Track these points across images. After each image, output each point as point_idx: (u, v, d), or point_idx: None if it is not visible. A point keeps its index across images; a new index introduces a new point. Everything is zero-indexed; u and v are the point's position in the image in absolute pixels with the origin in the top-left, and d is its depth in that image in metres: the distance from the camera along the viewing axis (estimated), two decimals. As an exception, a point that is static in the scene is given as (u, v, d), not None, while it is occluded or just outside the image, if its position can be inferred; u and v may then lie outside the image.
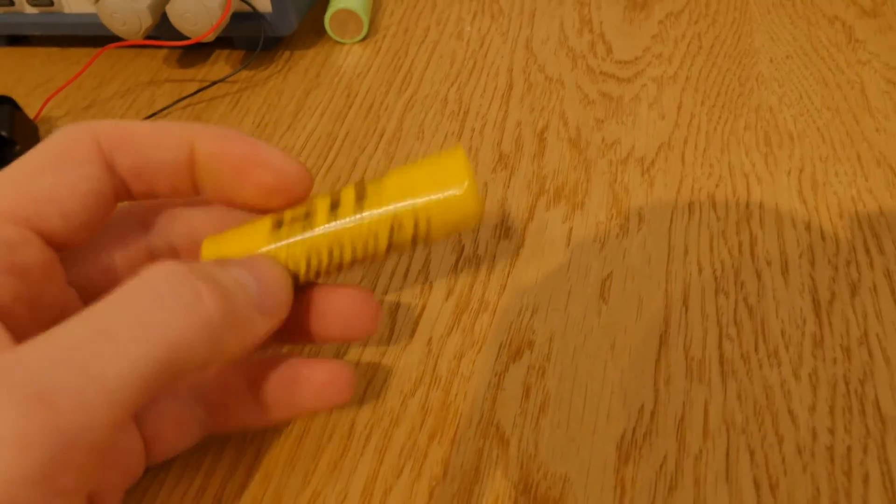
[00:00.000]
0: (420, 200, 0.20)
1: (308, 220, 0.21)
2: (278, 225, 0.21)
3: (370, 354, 0.27)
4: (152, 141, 0.21)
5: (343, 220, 0.21)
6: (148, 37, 0.39)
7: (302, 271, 0.21)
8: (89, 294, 0.21)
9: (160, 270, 0.17)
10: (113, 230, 0.22)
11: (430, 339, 0.27)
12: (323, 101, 0.39)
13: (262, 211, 0.22)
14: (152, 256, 0.23)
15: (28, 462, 0.14)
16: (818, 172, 0.33)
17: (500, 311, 0.28)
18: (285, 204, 0.22)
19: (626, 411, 0.24)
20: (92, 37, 0.44)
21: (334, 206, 0.21)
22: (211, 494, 0.23)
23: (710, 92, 0.38)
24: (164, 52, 0.45)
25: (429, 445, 0.24)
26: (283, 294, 0.20)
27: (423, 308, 0.28)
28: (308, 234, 0.21)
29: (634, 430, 0.24)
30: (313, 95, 0.40)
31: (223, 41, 0.44)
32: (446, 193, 0.20)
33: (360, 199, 0.21)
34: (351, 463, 0.24)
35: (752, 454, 0.23)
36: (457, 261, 0.30)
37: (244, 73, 0.42)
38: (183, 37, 0.39)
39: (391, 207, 0.20)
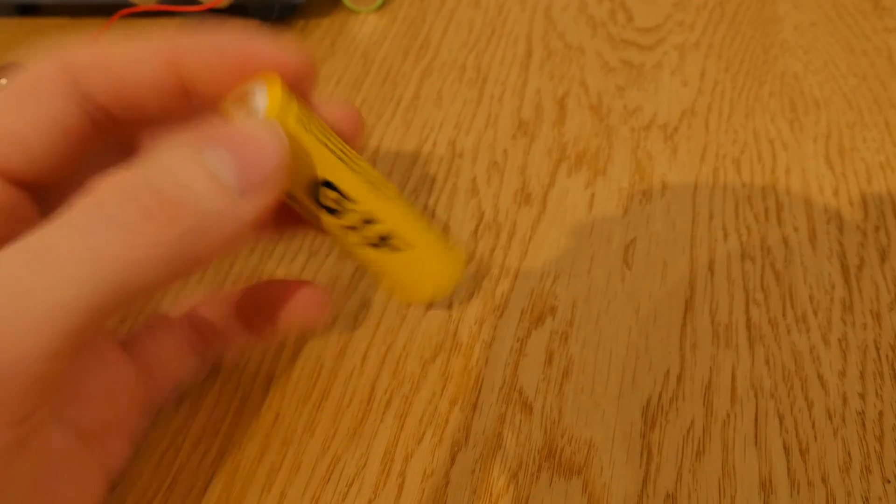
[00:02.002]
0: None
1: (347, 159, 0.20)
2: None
3: (389, 320, 0.26)
4: (129, 60, 0.19)
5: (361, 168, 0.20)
6: (161, 2, 0.39)
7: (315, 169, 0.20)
8: None
9: (110, 184, 0.16)
10: (99, 162, 0.20)
11: (450, 305, 0.27)
12: (339, 69, 0.39)
13: None
14: None
15: None
16: (845, 139, 0.32)
17: (521, 277, 0.27)
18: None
19: (651, 376, 0.24)
20: (104, 5, 0.44)
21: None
22: (229, 460, 0.23)
23: (733, 59, 0.37)
24: (177, 21, 0.44)
25: (450, 411, 0.24)
26: (270, 162, 0.17)
27: (443, 274, 0.28)
28: (341, 152, 0.20)
29: (660, 395, 0.23)
30: (329, 64, 0.39)
31: (237, 9, 0.43)
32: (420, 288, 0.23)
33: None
34: (371, 428, 0.23)
35: (781, 419, 0.23)
36: (477, 226, 0.29)
37: (258, 42, 0.42)
38: (197, 2, 0.38)
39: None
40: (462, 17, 0.42)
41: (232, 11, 0.44)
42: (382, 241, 0.22)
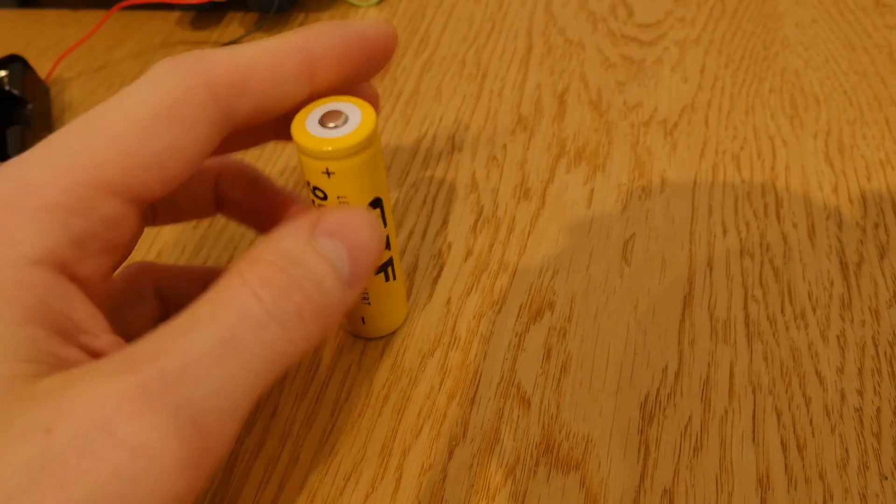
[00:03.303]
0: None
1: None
2: None
3: (388, 314, 0.26)
4: (271, 77, 0.18)
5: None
6: (161, -4, 0.39)
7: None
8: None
9: (263, 280, 0.16)
10: None
11: (448, 300, 0.27)
12: (338, 63, 0.39)
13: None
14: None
15: (183, 484, 0.14)
16: (845, 135, 0.32)
17: (519, 272, 0.27)
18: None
19: (649, 372, 0.24)
20: (104, -2, 0.44)
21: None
22: (227, 452, 0.23)
23: (734, 55, 0.37)
24: (177, 14, 0.44)
25: (448, 405, 0.24)
26: (374, 258, 0.18)
27: (442, 268, 0.28)
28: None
29: (658, 390, 0.23)
30: (328, 57, 0.39)
31: (236, 3, 0.43)
32: None
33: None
34: (369, 422, 0.23)
35: (779, 415, 0.23)
36: (476, 221, 0.29)
37: (258, 36, 0.42)
38: (196, -4, 0.38)
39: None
40: (462, 12, 0.42)
41: (232, 4, 0.44)
42: (383, 268, 0.23)
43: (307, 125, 0.19)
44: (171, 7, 0.44)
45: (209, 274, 0.24)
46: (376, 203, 0.21)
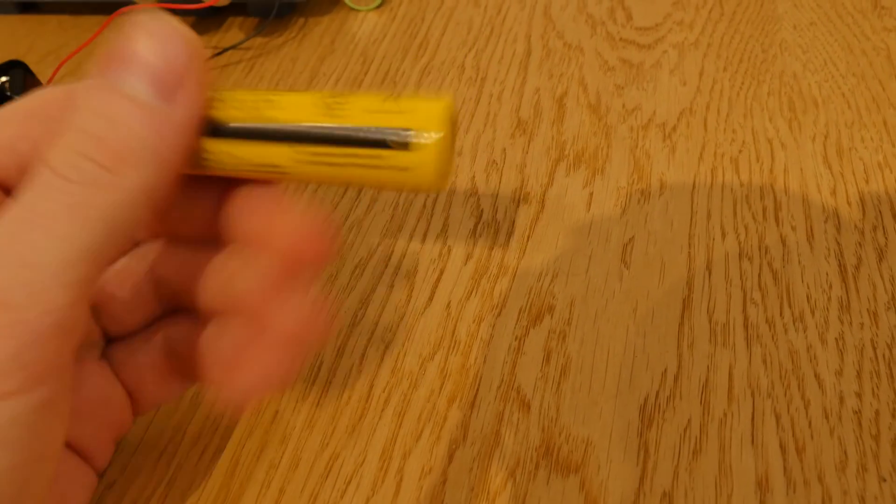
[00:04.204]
0: (363, 122, 0.17)
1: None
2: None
3: (388, 318, 0.26)
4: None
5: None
6: (160, 1, 0.39)
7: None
8: None
9: (58, 153, 0.16)
10: None
11: (448, 304, 0.27)
12: (338, 67, 0.39)
13: None
14: None
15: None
16: (843, 138, 0.32)
17: (519, 276, 0.27)
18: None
19: (649, 375, 0.24)
20: (104, 3, 0.44)
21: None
22: (228, 457, 0.23)
23: (732, 58, 0.37)
24: (176, 19, 0.44)
25: (448, 409, 0.24)
26: (181, 59, 0.17)
27: (442, 272, 0.28)
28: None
29: (658, 393, 0.24)
30: (328, 62, 0.39)
31: (236, 7, 0.43)
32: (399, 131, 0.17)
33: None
34: (369, 426, 0.23)
35: (777, 418, 0.23)
36: (475, 225, 0.29)
37: (258, 40, 0.42)
38: (197, 0, 0.38)
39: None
40: (461, 16, 0.42)
41: (232, 9, 0.44)
42: None
43: None
44: (171, 12, 0.44)
45: None
46: None
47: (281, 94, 0.18)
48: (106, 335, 0.22)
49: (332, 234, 0.18)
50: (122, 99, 0.16)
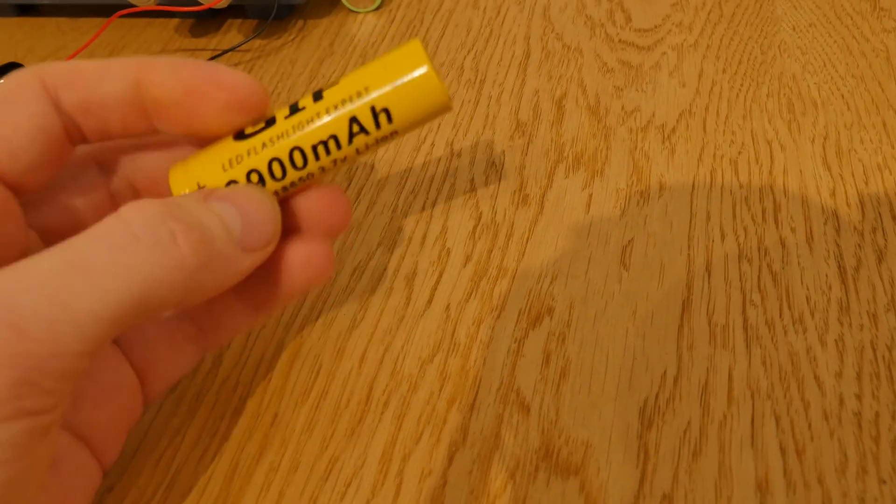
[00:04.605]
0: (377, 92, 0.20)
1: (268, 126, 0.21)
2: (240, 136, 0.21)
3: (387, 321, 0.26)
4: (96, 76, 0.20)
5: (301, 121, 0.20)
6: (160, 2, 0.39)
7: (267, 182, 0.21)
8: (52, 238, 0.21)
9: (136, 208, 0.17)
10: (72, 173, 0.22)
11: (448, 306, 0.27)
12: (337, 69, 0.39)
13: (222, 135, 0.22)
14: (113, 199, 0.23)
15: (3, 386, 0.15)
16: (843, 140, 0.32)
17: (518, 278, 0.27)
18: (243, 121, 0.21)
19: (648, 377, 0.24)
20: (103, 6, 0.44)
21: (293, 111, 0.21)
22: (227, 460, 0.23)
23: (731, 60, 0.37)
24: (175, 21, 0.44)
25: (448, 411, 0.24)
26: (270, 228, 0.20)
27: (441, 274, 0.28)
28: (267, 137, 0.20)
29: (657, 395, 0.24)
30: (327, 64, 0.39)
31: (235, 10, 0.43)
32: (402, 81, 0.20)
33: (318, 101, 0.20)
34: (369, 429, 0.23)
35: (777, 420, 0.23)
36: (474, 227, 0.29)
37: (257, 42, 0.42)
38: (195, 3, 0.38)
39: (349, 103, 0.20)
40: (460, 18, 0.42)
41: (231, 11, 0.44)
42: None
43: None
44: (169, 15, 0.44)
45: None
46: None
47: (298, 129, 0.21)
48: None
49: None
50: (218, 218, 0.18)
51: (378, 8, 0.44)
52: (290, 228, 0.22)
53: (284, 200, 0.22)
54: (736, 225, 0.28)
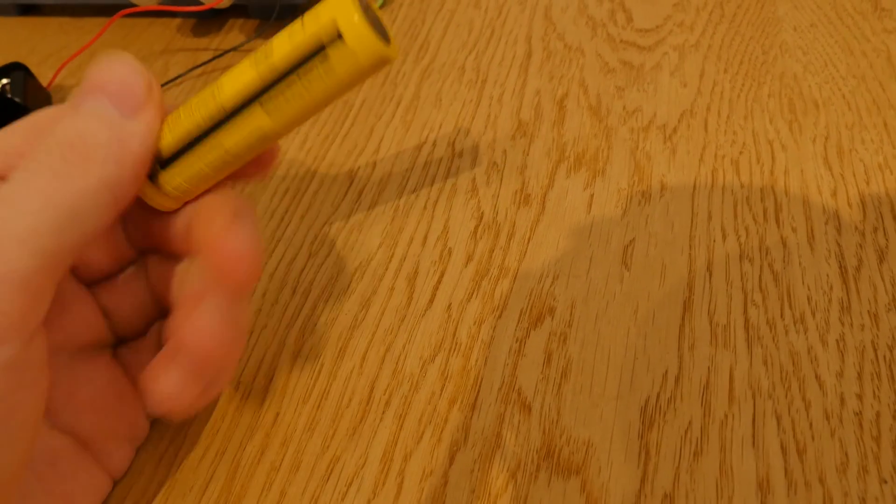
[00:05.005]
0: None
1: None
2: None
3: (388, 320, 0.26)
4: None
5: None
6: (162, 2, 0.39)
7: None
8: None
9: (30, 153, 0.19)
10: None
11: (449, 305, 0.27)
12: (338, 69, 0.39)
13: None
14: None
15: None
16: (844, 140, 0.32)
17: (520, 278, 0.27)
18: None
19: (649, 377, 0.24)
20: (105, 6, 0.44)
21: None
22: (229, 459, 0.23)
23: (732, 60, 0.37)
24: (178, 21, 0.44)
25: (449, 411, 0.24)
26: (139, 84, 0.20)
27: (443, 274, 0.28)
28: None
29: (658, 395, 0.24)
30: (329, 64, 0.39)
31: (237, 10, 0.43)
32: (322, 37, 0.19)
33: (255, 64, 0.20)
34: (370, 428, 0.23)
35: (778, 419, 0.23)
36: (476, 227, 0.29)
37: (259, 42, 0.42)
38: (197, 3, 0.38)
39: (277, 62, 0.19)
40: (462, 18, 0.42)
41: (233, 11, 0.44)
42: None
43: None
44: (172, 14, 0.44)
45: None
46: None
47: (222, 77, 0.21)
48: (117, 337, 0.23)
49: (257, 260, 0.20)
50: (89, 115, 0.19)
51: (380, 8, 0.44)
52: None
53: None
54: (737, 225, 0.28)
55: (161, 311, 0.24)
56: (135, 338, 0.24)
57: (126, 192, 0.19)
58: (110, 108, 0.19)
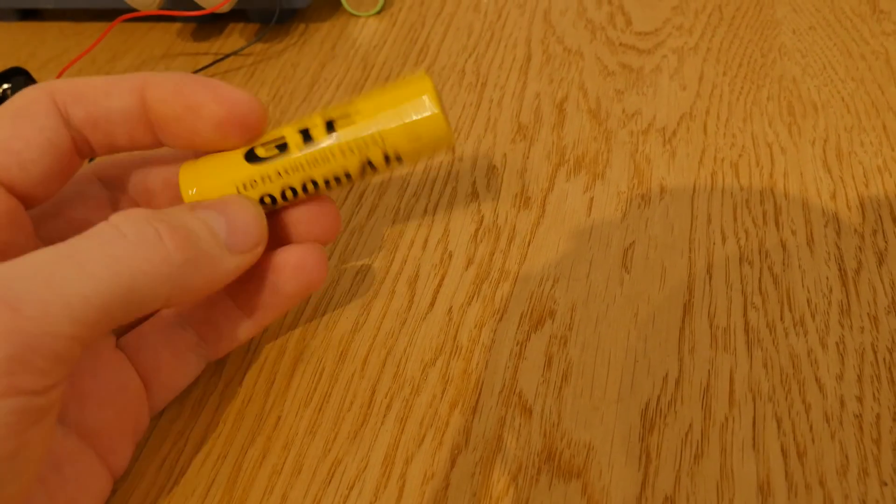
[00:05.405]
0: (390, 137, 0.22)
1: (282, 154, 0.22)
2: (251, 158, 0.22)
3: (389, 324, 0.26)
4: (103, 91, 0.21)
5: (316, 158, 0.22)
6: (161, 8, 0.39)
7: (279, 201, 0.22)
8: None
9: (124, 214, 0.19)
10: (79, 188, 0.23)
11: (450, 309, 0.27)
12: (339, 73, 0.39)
13: (223, 150, 0.23)
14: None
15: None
16: (843, 142, 0.32)
17: (520, 281, 0.27)
18: (243, 138, 0.22)
19: (650, 380, 0.24)
20: (105, 10, 0.44)
21: (306, 141, 0.22)
22: (231, 462, 0.23)
23: (731, 63, 0.37)
24: (178, 25, 0.44)
25: (450, 414, 0.24)
26: (255, 232, 0.21)
27: (443, 277, 0.28)
28: (282, 167, 0.22)
29: (659, 398, 0.24)
30: (329, 68, 0.40)
31: (237, 14, 0.44)
32: (413, 118, 0.21)
33: (330, 133, 0.22)
34: (371, 431, 0.24)
35: (779, 422, 0.23)
36: (476, 230, 0.29)
37: (259, 46, 0.42)
38: (197, 7, 0.38)
39: (363, 147, 0.22)
40: (461, 22, 0.42)
41: (233, 16, 0.44)
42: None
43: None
44: (172, 19, 0.44)
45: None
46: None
47: (315, 145, 0.22)
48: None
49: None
50: (203, 223, 0.20)
51: (380, 12, 0.44)
52: (282, 237, 0.24)
53: (275, 210, 0.23)
54: (737, 227, 0.29)
55: None
56: (137, 322, 0.24)
57: (182, 299, 0.19)
58: (224, 231, 0.20)
